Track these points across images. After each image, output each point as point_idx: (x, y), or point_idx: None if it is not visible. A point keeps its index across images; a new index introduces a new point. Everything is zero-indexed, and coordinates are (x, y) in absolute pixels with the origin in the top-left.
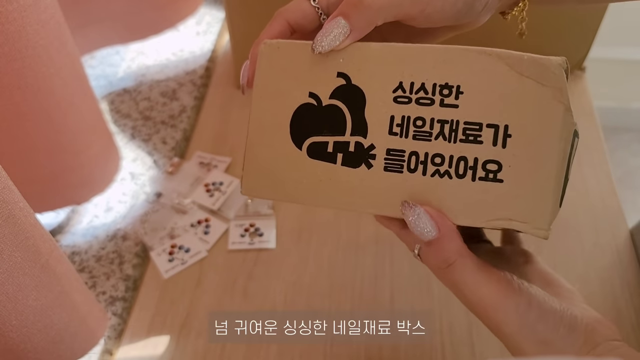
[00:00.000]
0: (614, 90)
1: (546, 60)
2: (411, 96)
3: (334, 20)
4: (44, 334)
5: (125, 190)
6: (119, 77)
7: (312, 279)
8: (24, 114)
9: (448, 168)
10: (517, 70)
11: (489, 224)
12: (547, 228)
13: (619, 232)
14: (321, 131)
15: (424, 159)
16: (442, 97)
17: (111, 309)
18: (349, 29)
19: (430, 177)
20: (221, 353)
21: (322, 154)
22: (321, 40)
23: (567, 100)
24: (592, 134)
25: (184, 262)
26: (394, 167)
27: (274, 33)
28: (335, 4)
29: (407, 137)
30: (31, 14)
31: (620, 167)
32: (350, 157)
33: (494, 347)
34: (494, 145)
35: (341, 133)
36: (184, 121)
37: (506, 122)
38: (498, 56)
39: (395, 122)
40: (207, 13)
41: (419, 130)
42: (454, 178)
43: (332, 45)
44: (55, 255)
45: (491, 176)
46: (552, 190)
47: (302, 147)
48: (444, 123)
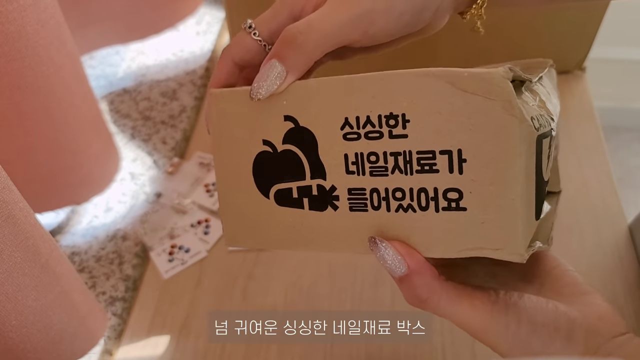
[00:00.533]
0: (614, 90)
1: (487, 74)
2: (359, 131)
3: (269, 63)
4: (43, 334)
5: (125, 190)
6: (119, 77)
7: (312, 279)
8: (24, 114)
9: (410, 201)
10: (460, 88)
11: (461, 254)
12: (522, 252)
13: (619, 231)
14: (282, 178)
15: (385, 194)
16: (389, 129)
17: (111, 309)
18: (285, 71)
19: (395, 212)
20: (221, 353)
21: (289, 200)
22: (258, 86)
23: (519, 111)
24: (593, 134)
25: (183, 263)
26: (358, 206)
27: (222, 75)
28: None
29: (364, 175)
30: (31, 13)
31: (621, 167)
32: (316, 201)
33: None
34: (451, 173)
35: (302, 178)
36: (184, 121)
37: (458, 146)
38: (436, 76)
39: (350, 160)
40: (207, 13)
41: (375, 166)
42: (417, 211)
43: (271, 90)
44: (55, 256)
45: (454, 205)
46: (520, 211)
47: (269, 196)
48: (397, 155)
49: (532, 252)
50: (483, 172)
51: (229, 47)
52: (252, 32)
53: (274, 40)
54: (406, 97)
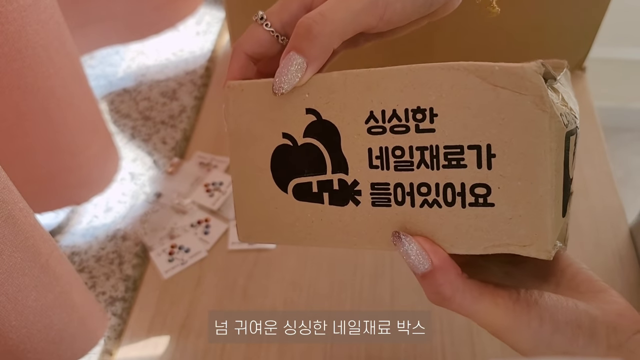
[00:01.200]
0: (614, 90)
1: (519, 68)
2: (385, 125)
3: (288, 56)
4: (43, 334)
5: (125, 190)
6: (119, 77)
7: (312, 279)
8: (23, 114)
9: (436, 197)
10: (491, 82)
11: (486, 251)
12: (550, 249)
13: (619, 232)
14: (302, 172)
15: (410, 189)
16: (416, 123)
17: (111, 309)
18: (305, 63)
19: (419, 207)
20: (221, 353)
21: (309, 194)
22: (280, 81)
23: (550, 107)
24: (592, 134)
25: (183, 263)
26: (381, 201)
27: (236, 70)
28: (289, 23)
29: (388, 169)
30: (31, 14)
31: (621, 167)
32: (337, 196)
33: (494, 347)
34: (479, 168)
35: (322, 172)
36: (184, 121)
37: (488, 141)
38: (467, 69)
39: (374, 155)
40: (207, 13)
41: (400, 161)
42: (443, 207)
43: (293, 84)
44: (55, 256)
45: (481, 201)
46: (549, 207)
47: (287, 190)
48: (424, 150)
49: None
50: (512, 168)
51: (240, 41)
52: (263, 23)
53: (286, 31)
54: (435, 91)
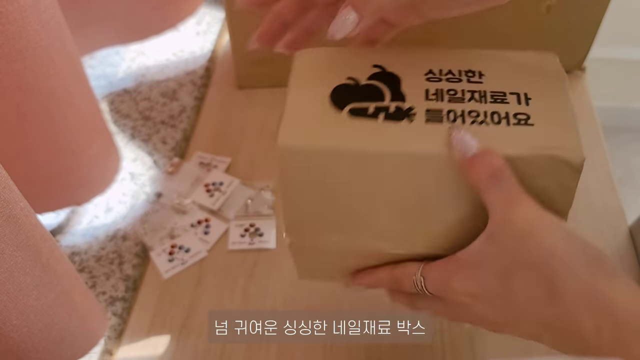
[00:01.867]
0: (614, 90)
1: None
2: (441, 77)
3: (345, 10)
4: (44, 334)
5: (125, 190)
6: (119, 77)
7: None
8: (24, 115)
9: (484, 118)
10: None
11: (530, 152)
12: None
13: (619, 232)
14: (361, 100)
15: (461, 114)
16: (467, 77)
17: (111, 309)
18: (357, 19)
19: (470, 125)
20: (221, 353)
21: (364, 114)
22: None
23: (565, 76)
24: (592, 134)
25: (184, 262)
26: (435, 119)
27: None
28: None
29: (442, 101)
30: (31, 14)
31: (621, 167)
32: (392, 116)
33: (494, 347)
34: (519, 104)
35: (381, 100)
36: (184, 121)
37: (525, 90)
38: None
39: (430, 93)
40: (207, 13)
41: (453, 96)
42: (490, 125)
43: (344, 33)
44: (55, 255)
45: (523, 122)
46: (575, 124)
47: (342, 110)
48: (474, 92)
49: None
50: (545, 104)
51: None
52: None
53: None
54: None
